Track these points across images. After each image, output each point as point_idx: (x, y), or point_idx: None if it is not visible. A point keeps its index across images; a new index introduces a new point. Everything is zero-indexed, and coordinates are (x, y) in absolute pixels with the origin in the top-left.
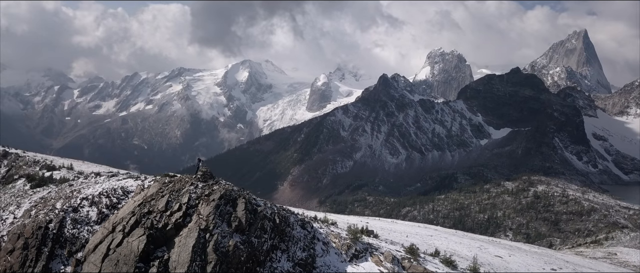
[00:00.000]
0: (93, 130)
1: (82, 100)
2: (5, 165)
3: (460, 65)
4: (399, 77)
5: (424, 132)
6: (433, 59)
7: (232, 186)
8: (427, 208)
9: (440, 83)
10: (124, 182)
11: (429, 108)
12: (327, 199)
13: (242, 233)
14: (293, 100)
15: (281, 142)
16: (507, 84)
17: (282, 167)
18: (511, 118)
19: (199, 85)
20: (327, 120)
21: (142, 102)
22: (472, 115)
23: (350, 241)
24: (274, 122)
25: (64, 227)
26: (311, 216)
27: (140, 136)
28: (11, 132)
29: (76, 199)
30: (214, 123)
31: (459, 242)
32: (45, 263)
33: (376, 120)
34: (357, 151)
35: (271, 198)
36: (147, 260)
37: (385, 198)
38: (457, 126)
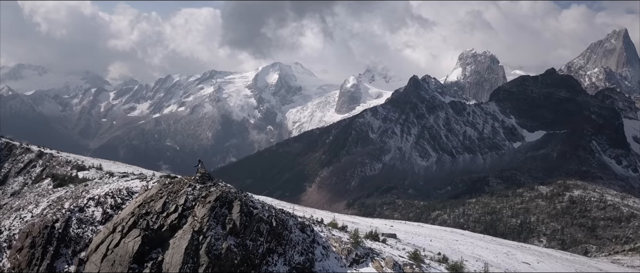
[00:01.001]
0: (128, 132)
1: (117, 102)
2: (41, 164)
3: (492, 66)
4: (429, 78)
5: (455, 135)
6: (465, 60)
7: (229, 188)
8: (458, 212)
9: (472, 84)
10: (130, 182)
11: (460, 110)
12: (355, 202)
13: (236, 235)
14: (322, 102)
15: (310, 144)
16: (542, 85)
17: (311, 169)
18: (546, 120)
19: (230, 87)
20: (355, 122)
21: (175, 104)
22: (504, 117)
23: (351, 245)
24: (303, 124)
25: (70, 226)
26: (316, 219)
27: (173, 137)
28: (50, 132)
29: (83, 199)
30: (245, 125)
31: (486, 247)
32: (50, 262)
33: (406, 122)
34: (386, 153)
35: (299, 200)
36: (142, 261)
37: (415, 202)
38: (489, 128)
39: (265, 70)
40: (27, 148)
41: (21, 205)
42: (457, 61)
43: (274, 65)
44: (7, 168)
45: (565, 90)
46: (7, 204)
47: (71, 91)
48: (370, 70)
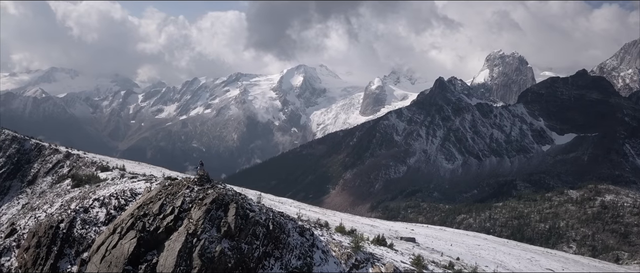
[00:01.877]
0: (155, 133)
1: (145, 104)
2: (68, 165)
3: (521, 67)
4: (455, 80)
5: (481, 137)
6: (492, 62)
7: (226, 190)
8: (484, 216)
9: (499, 86)
10: (135, 184)
11: (487, 112)
12: (379, 205)
13: (231, 238)
14: (346, 104)
15: (333, 146)
16: (573, 87)
17: (334, 171)
18: (576, 123)
19: (255, 89)
20: (380, 124)
21: (201, 106)
22: (533, 119)
23: (351, 250)
24: (327, 126)
25: (74, 227)
26: (319, 222)
27: (199, 139)
28: (81, 134)
29: (89, 200)
30: (269, 127)
31: (508, 252)
32: (53, 262)
33: (431, 124)
34: (411, 156)
35: (322, 202)
36: (137, 262)
37: (440, 205)
38: (517, 131)
39: (290, 72)
40: (55, 149)
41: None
42: (484, 62)
43: (299, 67)
44: (36, 168)
45: (597, 92)
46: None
47: (101, 93)
48: (395, 71)
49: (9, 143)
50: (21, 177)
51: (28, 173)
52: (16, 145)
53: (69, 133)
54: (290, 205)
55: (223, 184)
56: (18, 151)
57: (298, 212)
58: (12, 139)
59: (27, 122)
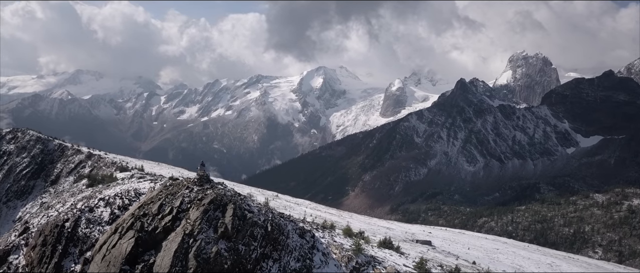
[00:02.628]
0: (177, 134)
1: (168, 106)
2: (89, 165)
3: (545, 68)
4: (477, 81)
5: (503, 139)
6: (515, 62)
7: (225, 191)
8: (506, 219)
9: (522, 88)
10: (140, 184)
11: (510, 114)
12: (399, 207)
13: (228, 239)
14: (366, 106)
15: (353, 148)
16: (598, 88)
17: (353, 173)
18: (603, 125)
19: (275, 91)
20: (400, 126)
21: (222, 108)
22: (557, 121)
23: (352, 253)
24: (347, 128)
25: (79, 226)
26: (322, 224)
27: (220, 140)
28: (105, 135)
29: (94, 199)
30: (289, 128)
31: (528, 257)
32: (58, 261)
33: (452, 126)
34: (432, 158)
35: (341, 204)
36: (135, 262)
37: (461, 208)
38: (541, 133)
39: (310, 74)
40: (77, 149)
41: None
42: (506, 63)
43: (319, 69)
44: (59, 168)
45: (624, 93)
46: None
47: (125, 95)
48: (416, 73)
49: (33, 143)
50: (45, 176)
51: (51, 173)
52: (40, 145)
53: (94, 134)
54: (306, 206)
55: (223, 185)
56: (42, 151)
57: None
58: (36, 140)
59: (54, 123)
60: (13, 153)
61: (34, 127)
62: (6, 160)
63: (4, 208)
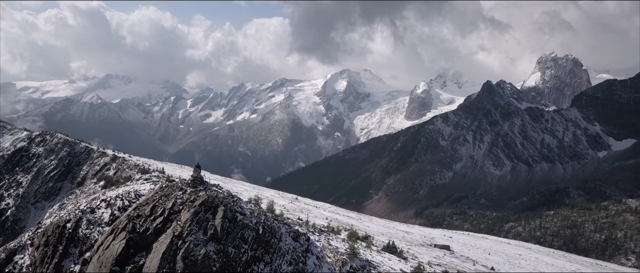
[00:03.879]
0: (203, 138)
1: (194, 109)
2: (114, 167)
3: (575, 70)
4: (504, 83)
5: (531, 143)
6: (544, 64)
7: (217, 193)
8: (534, 224)
9: (551, 90)
10: (141, 185)
11: (538, 116)
12: (423, 211)
13: (217, 242)
14: (391, 109)
15: (376, 151)
16: (632, 90)
17: (377, 176)
18: (636, 127)
19: (299, 95)
20: (425, 129)
21: (247, 111)
22: (588, 124)
23: (347, 257)
24: (371, 131)
25: (79, 227)
26: (331, 227)
27: (245, 143)
28: (134, 138)
29: (96, 201)
30: (313, 131)
31: (552, 263)
32: (58, 261)
33: (479, 129)
34: (457, 161)
35: (364, 207)
36: (126, 263)
37: (487, 212)
38: (570, 136)
39: (334, 77)
40: (103, 152)
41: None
42: (535, 65)
43: (343, 72)
44: (85, 170)
45: None
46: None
47: (153, 99)
48: (441, 75)
49: (61, 146)
50: (72, 178)
51: (78, 175)
52: (67, 148)
53: (122, 137)
54: (324, 209)
55: (219, 187)
56: (69, 154)
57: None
58: (63, 142)
59: (84, 126)
60: (42, 156)
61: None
62: (35, 162)
63: (32, 209)
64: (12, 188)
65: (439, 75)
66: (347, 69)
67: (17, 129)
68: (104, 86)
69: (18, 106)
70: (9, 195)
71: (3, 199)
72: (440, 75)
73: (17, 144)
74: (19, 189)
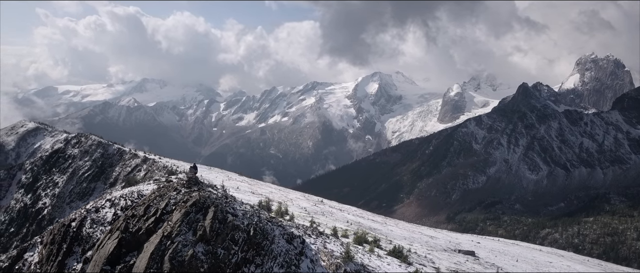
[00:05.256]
0: (236, 140)
1: (227, 112)
2: (144, 169)
3: (617, 71)
4: (541, 85)
5: (569, 146)
6: (583, 65)
7: (210, 193)
8: (571, 231)
9: (591, 92)
10: (146, 185)
11: (576, 120)
12: (456, 216)
13: (206, 243)
14: (423, 112)
15: (408, 154)
16: None
17: (409, 180)
18: None
19: (330, 98)
20: (458, 132)
21: (279, 114)
22: (630, 127)
23: (341, 260)
24: (403, 134)
25: (84, 226)
26: (336, 231)
27: (277, 146)
28: (168, 140)
29: (102, 200)
30: (343, 134)
31: None
32: (61, 260)
33: (513, 132)
34: (491, 166)
35: (395, 212)
36: (118, 262)
37: (522, 218)
38: (611, 140)
39: (365, 80)
40: (134, 154)
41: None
42: (573, 67)
43: (374, 74)
44: (117, 171)
45: None
46: None
47: (187, 102)
48: (475, 77)
49: (95, 148)
50: (104, 179)
51: (110, 176)
52: (101, 149)
53: (157, 139)
54: (349, 212)
55: (215, 187)
56: (102, 155)
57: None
58: (97, 144)
59: (121, 129)
60: (77, 157)
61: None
62: (71, 164)
63: (67, 209)
64: (48, 188)
65: (473, 77)
66: (379, 71)
67: (57, 131)
68: (140, 90)
69: (59, 109)
70: (46, 194)
71: (40, 199)
72: (473, 78)
73: (55, 146)
74: (55, 189)
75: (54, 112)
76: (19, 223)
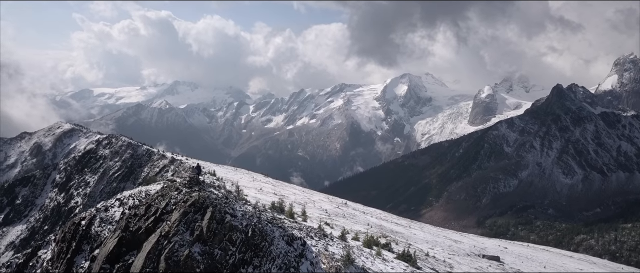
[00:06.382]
0: (264, 142)
1: (256, 114)
2: (172, 169)
3: None
4: (576, 87)
5: (606, 150)
6: (622, 66)
7: (209, 193)
8: (608, 237)
9: (630, 93)
10: (156, 185)
11: (614, 122)
12: (485, 220)
13: (203, 243)
14: (453, 114)
15: (438, 157)
16: None
17: (438, 183)
18: None
19: (358, 100)
20: (488, 135)
21: (307, 116)
22: None
23: (342, 263)
24: (433, 136)
25: (93, 224)
26: (344, 234)
27: (304, 148)
28: (198, 142)
29: (112, 199)
30: (372, 136)
31: None
32: (70, 257)
33: (547, 135)
34: (523, 169)
35: (423, 216)
36: (117, 261)
37: (556, 223)
38: None
39: (394, 81)
40: (162, 155)
41: None
42: (611, 67)
43: (403, 76)
44: (146, 172)
45: None
46: None
47: (217, 105)
48: (507, 79)
49: (124, 148)
50: (134, 179)
51: (139, 176)
52: (130, 150)
53: (188, 141)
54: (372, 215)
55: (218, 188)
56: (132, 156)
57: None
58: (127, 145)
59: (153, 130)
60: (107, 158)
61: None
62: (102, 164)
63: None
64: (80, 187)
65: (505, 78)
66: (408, 73)
67: (91, 133)
68: (172, 92)
69: (93, 111)
70: (78, 194)
71: (73, 198)
72: (505, 79)
73: (87, 146)
74: (86, 189)
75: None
76: (53, 222)
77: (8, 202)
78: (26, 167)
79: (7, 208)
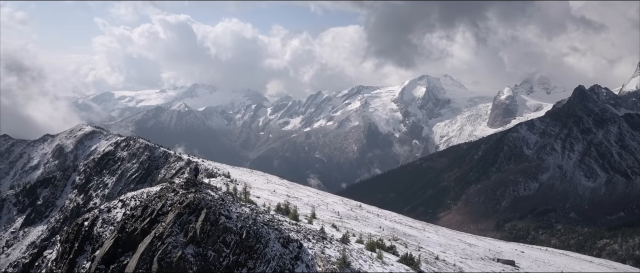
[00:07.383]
0: (282, 144)
1: (273, 117)
2: (188, 171)
3: None
4: (599, 88)
5: (630, 152)
6: None
7: (205, 195)
8: (632, 242)
9: None
10: (156, 187)
11: (638, 124)
12: (505, 224)
13: (197, 245)
14: (473, 116)
15: (456, 159)
16: None
17: (456, 186)
18: None
19: (376, 102)
20: (508, 137)
21: (324, 118)
22: None
23: (337, 266)
24: (452, 138)
25: (95, 225)
26: (347, 237)
27: (321, 150)
28: (217, 144)
29: (115, 201)
30: (389, 138)
31: None
32: (72, 257)
33: (568, 137)
34: (544, 172)
35: (441, 219)
36: (113, 262)
37: (577, 228)
38: None
39: (412, 83)
40: (179, 157)
41: None
42: (636, 68)
43: (422, 77)
44: (162, 174)
45: None
46: None
47: (235, 107)
48: (527, 80)
49: (142, 150)
50: (151, 181)
51: (156, 178)
52: (147, 152)
53: (206, 143)
54: (386, 218)
55: (216, 189)
56: (149, 158)
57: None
58: (144, 147)
59: (172, 133)
60: (125, 159)
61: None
62: (119, 166)
63: None
64: (99, 188)
65: (525, 80)
66: (426, 74)
67: (111, 135)
68: (190, 95)
69: (114, 113)
70: (97, 195)
71: (91, 199)
72: (526, 81)
73: (106, 149)
74: (105, 190)
75: (110, 116)
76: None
77: (30, 202)
78: (48, 168)
79: (28, 209)
